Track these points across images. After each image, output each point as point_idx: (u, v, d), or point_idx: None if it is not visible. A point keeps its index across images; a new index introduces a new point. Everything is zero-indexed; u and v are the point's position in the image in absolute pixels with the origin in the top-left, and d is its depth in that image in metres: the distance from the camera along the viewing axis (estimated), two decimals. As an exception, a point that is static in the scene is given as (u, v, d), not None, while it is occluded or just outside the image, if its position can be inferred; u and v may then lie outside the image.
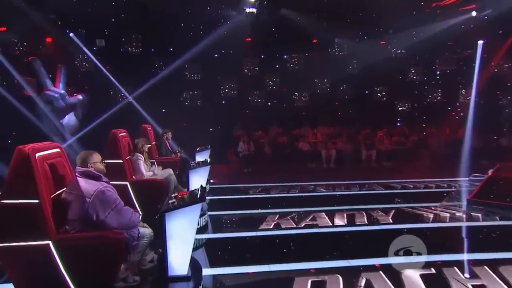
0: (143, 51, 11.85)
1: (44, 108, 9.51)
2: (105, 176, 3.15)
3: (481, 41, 11.51)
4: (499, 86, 12.53)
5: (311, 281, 3.53)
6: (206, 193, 3.90)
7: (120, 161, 4.98)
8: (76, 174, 3.03)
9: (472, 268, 3.81)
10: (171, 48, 11.68)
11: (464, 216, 5.72)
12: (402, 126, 12.61)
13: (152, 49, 12.06)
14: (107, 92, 11.62)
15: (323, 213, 5.78)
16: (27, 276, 2.85)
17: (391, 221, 5.47)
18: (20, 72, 9.32)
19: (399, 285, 3.47)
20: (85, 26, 10.64)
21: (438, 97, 13.05)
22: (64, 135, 9.68)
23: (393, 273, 3.67)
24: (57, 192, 3.05)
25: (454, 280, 3.53)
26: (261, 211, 6.03)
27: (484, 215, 5.69)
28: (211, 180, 7.72)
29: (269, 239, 4.82)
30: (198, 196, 3.15)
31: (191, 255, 3.22)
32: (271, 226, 5.26)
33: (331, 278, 3.58)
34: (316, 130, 11.89)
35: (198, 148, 7.03)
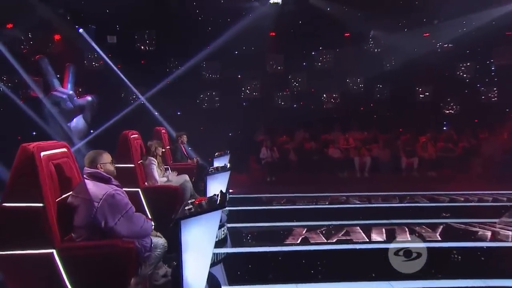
0: (157, 49, 12.06)
1: (51, 110, 9.80)
2: (116, 179, 3.16)
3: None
4: None
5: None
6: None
7: (132, 165, 5.04)
8: (84, 176, 3.05)
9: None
10: (187, 45, 11.82)
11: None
12: (450, 131, 12.15)
13: (167, 46, 12.26)
14: (118, 93, 11.88)
15: (358, 227, 5.68)
16: (29, 288, 2.86)
17: (439, 238, 5.29)
18: (27, 72, 9.68)
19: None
20: (96, 22, 10.96)
21: (493, 97, 12.54)
22: (72, 139, 9.93)
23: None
24: (63, 196, 3.08)
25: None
26: (287, 224, 5.96)
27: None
28: (230, 190, 7.68)
29: (296, 255, 4.74)
30: (218, 202, 3.09)
31: (209, 271, 3.15)
32: (298, 241, 5.19)
33: (370, 302, 3.44)
34: (348, 135, 11.66)
35: (217, 153, 7.02)
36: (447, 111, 12.94)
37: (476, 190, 8.23)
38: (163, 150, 6.25)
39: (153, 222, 4.03)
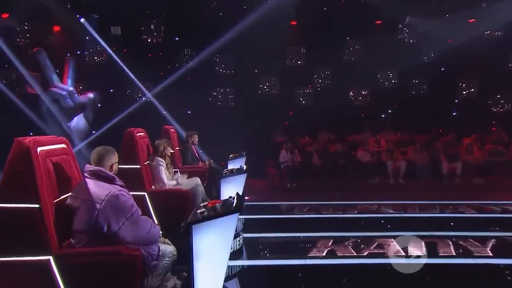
0: (166, 41, 12.18)
1: (50, 108, 9.98)
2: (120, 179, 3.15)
3: None
4: None
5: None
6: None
7: (137, 167, 5.06)
8: (85, 174, 3.05)
9: None
10: (198, 37, 11.89)
11: None
12: (500, 132, 11.86)
13: (176, 38, 12.37)
14: (123, 90, 12.03)
15: (392, 239, 5.62)
16: (22, 298, 2.86)
17: (490, 254, 5.15)
18: (24, 66, 9.88)
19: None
20: (98, 11, 11.14)
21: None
22: (73, 140, 10.08)
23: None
24: (62, 197, 3.09)
25: None
26: (310, 235, 5.93)
27: None
28: (246, 197, 7.66)
29: (322, 270, 4.71)
30: (234, 205, 3.04)
31: (223, 284, 3.12)
32: (324, 254, 5.17)
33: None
34: (380, 136, 11.55)
35: (231, 155, 7.02)
36: (496, 109, 12.66)
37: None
38: (172, 152, 6.27)
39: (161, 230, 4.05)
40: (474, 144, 10.72)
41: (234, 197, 3.24)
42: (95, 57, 11.95)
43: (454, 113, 12.30)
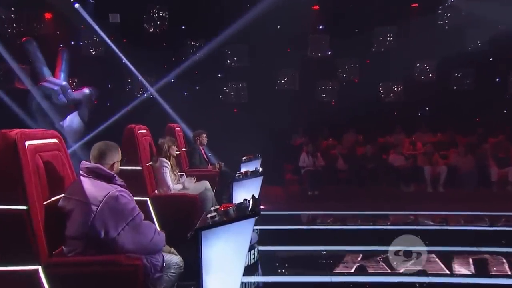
0: (170, 30, 12.29)
1: (40, 105, 10.09)
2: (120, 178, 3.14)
3: None
4: None
5: None
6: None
7: (139, 168, 5.07)
8: (80, 172, 3.03)
9: None
10: (207, 25, 11.95)
11: None
12: (562, 133, 11.69)
13: (182, 27, 12.46)
14: (123, 84, 12.14)
15: (434, 255, 5.58)
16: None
17: (555, 274, 5.10)
18: (11, 58, 10.02)
19: None
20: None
21: None
22: (66, 141, 10.17)
23: None
24: (53, 198, 3.09)
25: None
26: (336, 248, 5.95)
27: None
28: (261, 206, 7.62)
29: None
30: (250, 209, 3.00)
31: (237, 301, 3.10)
32: (352, 270, 5.18)
33: None
34: (415, 138, 11.58)
35: (245, 157, 7.03)
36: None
37: None
38: (178, 152, 6.28)
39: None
40: (529, 147, 10.56)
41: (250, 200, 3.19)
42: (91, 48, 12.11)
43: (505, 111, 12.17)
